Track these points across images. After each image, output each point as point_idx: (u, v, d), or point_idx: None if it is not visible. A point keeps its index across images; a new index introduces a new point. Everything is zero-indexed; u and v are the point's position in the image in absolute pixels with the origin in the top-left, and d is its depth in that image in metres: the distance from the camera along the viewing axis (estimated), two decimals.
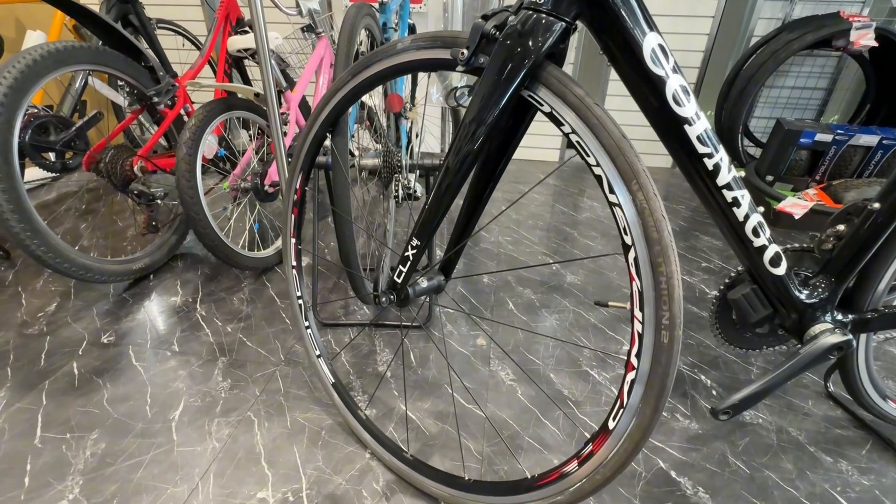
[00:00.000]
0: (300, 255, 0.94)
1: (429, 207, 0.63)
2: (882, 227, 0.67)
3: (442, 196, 0.61)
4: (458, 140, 0.58)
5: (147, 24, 1.66)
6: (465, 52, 0.55)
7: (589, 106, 0.50)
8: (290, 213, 0.90)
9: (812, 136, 1.90)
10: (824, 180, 1.98)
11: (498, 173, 0.68)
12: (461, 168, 0.59)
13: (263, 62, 1.19)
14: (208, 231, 1.25)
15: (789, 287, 0.70)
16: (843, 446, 0.93)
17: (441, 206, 0.62)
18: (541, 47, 0.51)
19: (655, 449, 0.91)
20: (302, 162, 0.85)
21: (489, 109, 0.55)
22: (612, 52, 0.54)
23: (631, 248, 0.50)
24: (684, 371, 1.12)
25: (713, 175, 0.59)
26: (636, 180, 0.48)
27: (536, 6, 0.51)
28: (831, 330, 0.70)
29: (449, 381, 1.07)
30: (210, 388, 1.04)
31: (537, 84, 0.53)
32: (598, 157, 0.50)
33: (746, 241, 0.65)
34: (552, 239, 1.76)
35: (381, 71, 0.68)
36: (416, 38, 0.63)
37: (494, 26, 0.53)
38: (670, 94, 0.54)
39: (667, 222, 0.48)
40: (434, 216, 0.63)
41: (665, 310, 0.48)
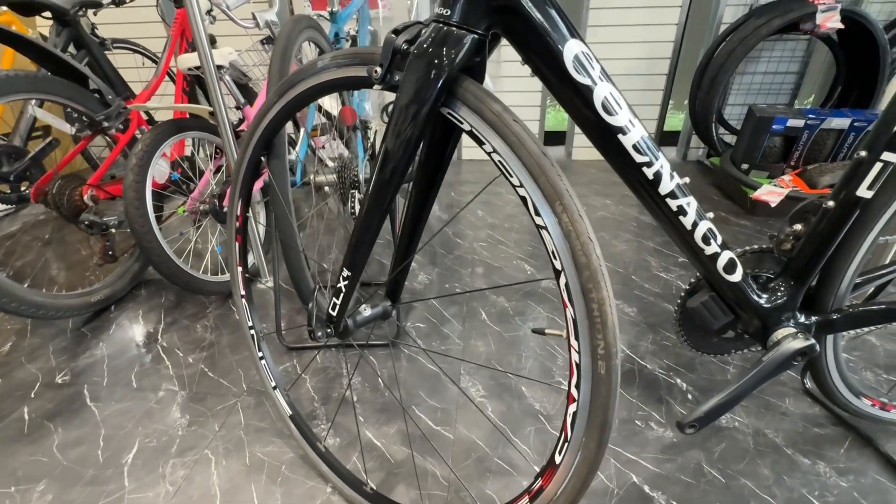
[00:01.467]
0: (249, 283, 0.90)
1: (357, 235, 0.59)
2: (838, 224, 0.64)
3: (369, 222, 0.58)
4: (381, 161, 0.54)
5: (92, 45, 1.61)
6: (378, 69, 0.52)
7: (507, 123, 0.46)
8: (233, 240, 0.86)
9: (784, 122, 1.88)
10: (799, 165, 1.96)
11: (434, 191, 0.65)
12: (386, 191, 0.55)
13: (210, 80, 1.15)
14: (163, 259, 1.21)
15: (747, 293, 0.67)
16: (821, 446, 0.90)
17: (369, 233, 0.59)
18: (453, 62, 0.47)
19: (629, 462, 0.88)
20: (239, 188, 0.80)
21: (408, 129, 0.51)
22: (534, 62, 0.50)
23: (561, 273, 0.46)
24: (659, 375, 1.09)
25: (655, 184, 0.56)
26: (559, 201, 0.44)
27: (445, 19, 0.47)
28: (794, 335, 0.67)
29: (417, 402, 1.04)
30: (167, 425, 1.00)
31: (455, 100, 0.50)
32: (520, 178, 0.46)
33: (697, 249, 0.62)
34: (528, 241, 1.72)
35: (305, 91, 0.64)
36: (335, 56, 0.59)
37: (406, 41, 0.50)
38: (599, 102, 0.50)
39: (594, 245, 0.44)
40: (363, 244, 0.59)
41: (599, 339, 0.45)
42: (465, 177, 2.43)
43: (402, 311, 1.33)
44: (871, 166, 0.60)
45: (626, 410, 1.00)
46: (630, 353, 1.17)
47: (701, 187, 2.19)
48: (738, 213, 1.92)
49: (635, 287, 1.43)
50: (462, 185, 2.30)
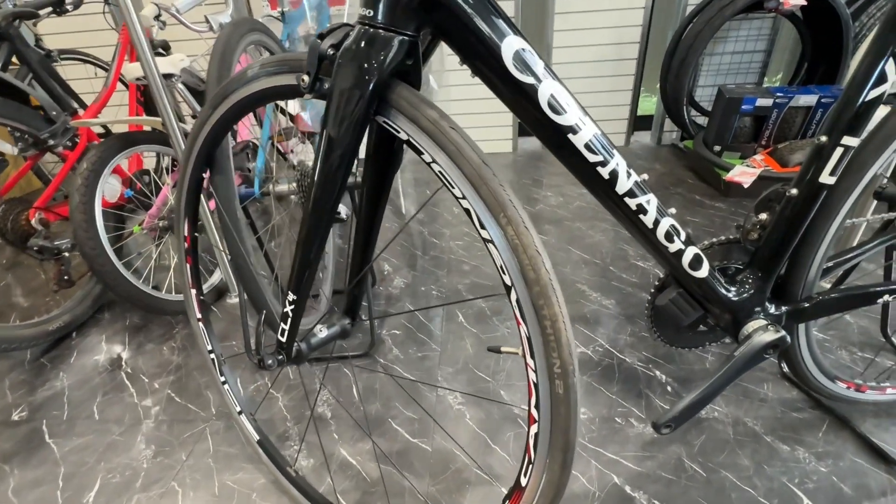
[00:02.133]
0: (205, 306, 0.85)
1: (299, 257, 0.55)
2: (803, 212, 0.63)
3: (310, 242, 0.54)
4: (318, 176, 0.50)
5: (33, 59, 1.52)
6: (305, 78, 0.47)
7: (444, 130, 0.43)
8: (184, 263, 0.81)
9: (753, 102, 1.88)
10: (770, 144, 1.96)
11: (383, 200, 0.61)
12: (324, 208, 0.52)
13: (155, 89, 1.09)
14: (119, 282, 1.15)
15: (715, 287, 0.65)
16: (799, 431, 0.90)
17: (312, 254, 0.55)
18: (382, 67, 0.44)
19: (610, 463, 0.87)
20: (184, 207, 0.76)
21: (341, 140, 0.47)
22: (473, 62, 0.47)
23: (511, 288, 0.43)
24: (638, 368, 1.08)
25: (611, 184, 0.53)
26: (503, 213, 0.41)
27: (370, 21, 0.43)
28: (764, 327, 0.65)
29: (394, 413, 1.01)
30: (131, 458, 0.95)
31: (389, 108, 0.46)
32: (462, 189, 0.43)
33: (661, 247, 0.59)
34: None
35: (238, 102, 0.60)
36: (264, 64, 0.55)
37: (332, 46, 0.46)
38: (544, 101, 0.47)
39: (543, 258, 0.41)
40: (306, 266, 0.55)
41: (555, 357, 0.42)
42: None
43: (378, 321, 1.29)
44: (832, 152, 0.58)
45: (606, 408, 0.98)
46: (609, 346, 1.15)
47: (675, 171, 2.19)
48: (712, 195, 1.92)
49: (613, 278, 1.42)
50: (437, 182, 2.26)
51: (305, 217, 0.52)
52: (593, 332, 1.20)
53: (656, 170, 2.23)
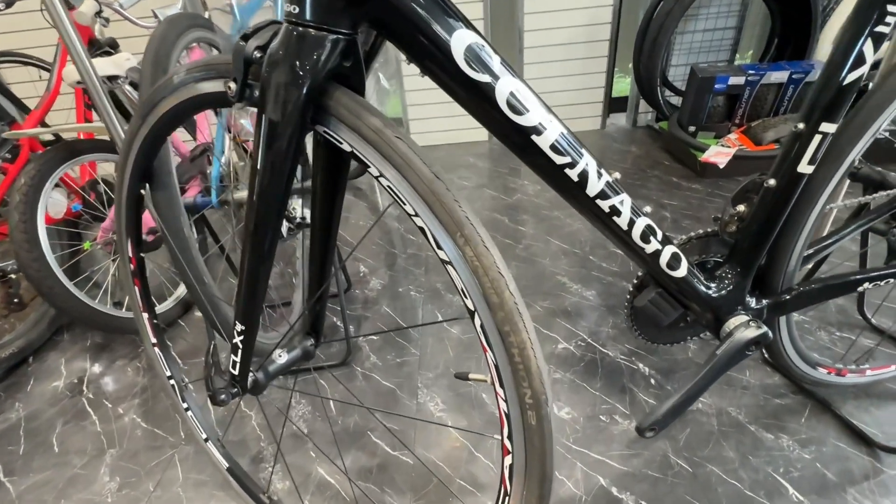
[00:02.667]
0: (160, 330, 0.79)
1: (244, 283, 0.50)
2: (782, 203, 0.60)
3: (255, 266, 0.49)
4: (255, 194, 0.45)
5: None
6: (232, 84, 0.42)
7: (389, 141, 0.38)
8: (131, 286, 0.75)
9: (726, 81, 1.86)
10: (743, 123, 1.96)
11: (337, 211, 0.56)
12: (266, 227, 0.46)
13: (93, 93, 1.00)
14: (72, 304, 1.07)
15: (695, 285, 0.62)
16: (782, 418, 0.89)
17: (258, 279, 0.50)
18: (316, 70, 0.38)
19: (595, 464, 0.85)
20: (125, 226, 0.69)
21: (276, 153, 0.42)
22: (420, 60, 0.42)
23: (475, 313, 0.39)
24: (621, 361, 1.06)
25: (581, 186, 0.49)
26: (460, 232, 0.37)
27: (297, 19, 0.38)
28: (746, 324, 0.63)
29: (373, 425, 0.97)
30: (94, 493, 0.89)
31: (328, 116, 0.41)
32: (414, 206, 0.38)
33: (637, 248, 0.56)
34: None
35: (168, 112, 0.54)
36: (190, 68, 0.49)
37: (258, 48, 0.40)
38: (503, 101, 0.42)
39: (507, 279, 0.37)
40: (253, 292, 0.50)
41: (525, 387, 0.38)
42: None
43: (355, 325, 1.25)
44: (809, 140, 0.55)
45: (591, 406, 0.96)
46: (591, 340, 1.13)
47: (651, 153, 2.17)
48: (689, 176, 1.91)
49: (593, 268, 1.39)
50: None
51: (247, 237, 0.47)
52: (575, 326, 1.18)
53: (632, 152, 2.21)
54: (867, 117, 0.56)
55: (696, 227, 1.54)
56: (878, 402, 0.90)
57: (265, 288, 0.51)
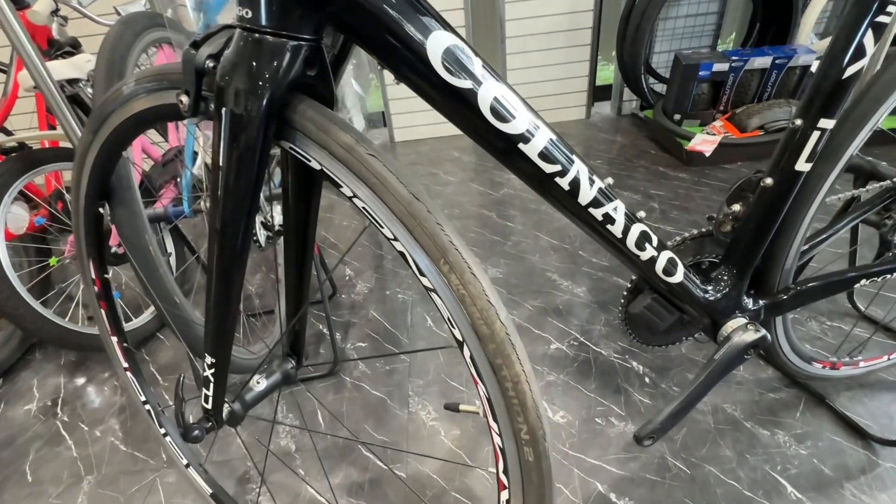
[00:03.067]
0: (131, 355, 0.74)
1: (211, 314, 0.46)
2: (779, 201, 0.58)
3: (224, 294, 0.45)
4: (217, 217, 0.41)
5: None
6: (184, 98, 0.37)
7: (362, 159, 0.34)
8: (98, 309, 0.70)
9: (710, 68, 1.84)
10: (728, 110, 1.95)
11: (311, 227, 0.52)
12: (232, 252, 0.42)
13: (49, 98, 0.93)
14: (39, 325, 1.02)
15: (691, 290, 0.59)
16: (777, 413, 0.88)
17: (228, 308, 0.46)
18: (276, 81, 0.34)
19: (592, 469, 0.83)
20: (85, 248, 0.64)
21: (239, 171, 0.38)
22: (394, 66, 0.38)
23: (463, 344, 0.36)
24: (614, 360, 1.04)
25: (573, 195, 0.46)
26: (444, 258, 0.33)
27: (251, 24, 0.34)
28: (744, 327, 0.61)
29: (364, 437, 0.94)
30: None
31: (293, 132, 0.37)
32: (392, 230, 0.35)
33: (632, 256, 0.53)
34: (470, 228, 1.62)
35: (120, 126, 0.49)
36: (140, 78, 0.44)
37: (210, 56, 0.36)
38: (486, 108, 0.39)
39: (497, 308, 0.34)
40: (222, 323, 0.46)
41: (521, 422, 0.35)
42: (401, 161, 2.27)
43: (341, 335, 1.21)
44: (807, 136, 0.53)
45: (586, 408, 0.94)
46: (584, 339, 1.11)
47: (637, 142, 2.15)
48: (675, 165, 1.90)
49: (583, 263, 1.37)
50: None
51: (212, 263, 0.43)
52: (566, 325, 1.16)
53: (618, 142, 2.19)
54: (866, 110, 0.54)
55: (684, 217, 1.53)
56: (871, 393, 0.89)
57: (236, 316, 0.47)
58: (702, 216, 1.52)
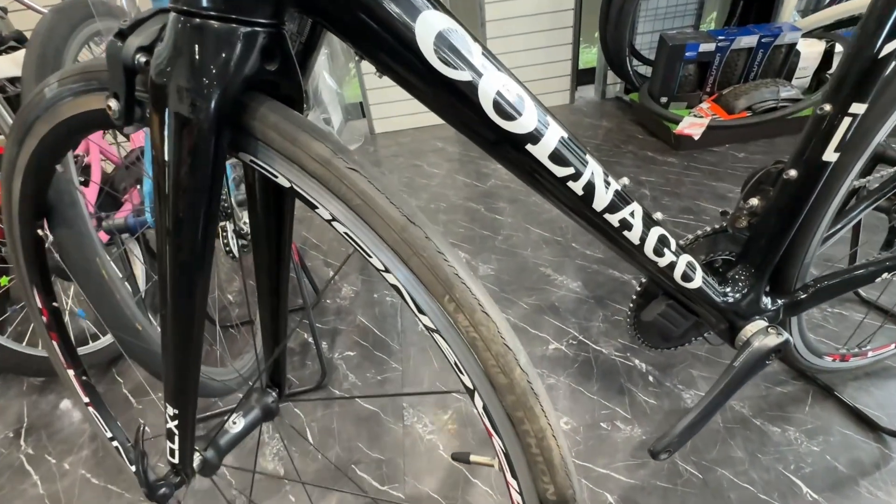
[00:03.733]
0: (90, 388, 0.67)
1: (168, 357, 0.39)
2: (803, 195, 0.53)
3: (183, 336, 0.37)
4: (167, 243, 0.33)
5: None
6: (113, 102, 0.30)
7: (340, 174, 0.27)
8: (49, 340, 0.62)
9: (696, 49, 1.80)
10: (715, 91, 1.91)
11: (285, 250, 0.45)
12: (190, 285, 0.35)
13: None
14: None
15: (709, 295, 0.55)
16: (786, 408, 0.86)
17: (188, 347, 0.38)
18: (226, 79, 0.27)
19: (601, 479, 0.79)
20: (26, 274, 0.56)
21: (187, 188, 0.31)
22: (375, 56, 0.31)
23: (474, 392, 0.30)
24: (615, 359, 1.00)
25: (587, 200, 0.40)
26: (448, 294, 0.27)
27: (190, 6, 0.26)
28: (764, 330, 0.56)
29: (357, 457, 0.88)
30: None
31: (253, 142, 0.30)
32: (382, 259, 0.28)
33: (650, 264, 0.48)
34: (458, 223, 1.56)
35: (47, 135, 0.41)
36: (64, 77, 0.36)
37: (141, 49, 0.28)
38: (488, 104, 0.32)
39: (516, 352, 0.28)
40: (184, 367, 0.39)
41: (546, 482, 0.30)
42: (381, 153, 2.18)
43: (327, 344, 1.14)
44: (837, 123, 0.48)
45: (590, 412, 0.90)
46: (583, 337, 1.07)
47: (623, 126, 2.11)
48: (664, 150, 1.86)
49: (577, 256, 1.33)
50: (380, 165, 2.06)
51: (164, 299, 0.36)
52: (564, 323, 1.11)
53: (604, 126, 2.14)
54: None
55: (676, 203, 1.49)
56: (878, 382, 0.87)
57: (198, 362, 0.40)
58: (693, 202, 1.49)
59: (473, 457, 0.37)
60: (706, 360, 0.97)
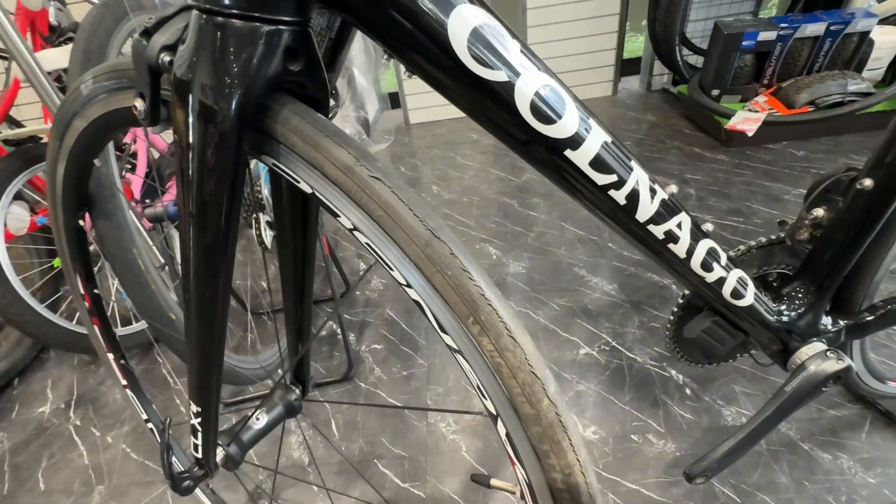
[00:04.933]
0: (129, 371, 0.69)
1: (194, 358, 0.39)
2: (880, 207, 0.47)
3: (206, 336, 0.37)
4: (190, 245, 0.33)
5: None
6: (139, 102, 0.29)
7: (363, 183, 0.26)
8: (91, 326, 0.65)
9: (755, 37, 1.67)
10: (773, 83, 1.77)
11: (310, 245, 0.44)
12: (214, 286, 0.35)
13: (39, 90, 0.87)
14: (45, 329, 0.98)
15: (761, 314, 0.50)
16: (840, 433, 0.79)
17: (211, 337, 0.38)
18: (247, 79, 0.26)
19: (629, 495, 0.75)
20: (69, 261, 0.58)
21: (208, 192, 0.30)
22: (405, 55, 0.29)
23: (497, 418, 0.28)
24: (651, 368, 0.95)
25: (630, 210, 0.37)
26: (473, 316, 0.25)
27: (212, 3, 0.25)
28: (822, 355, 0.51)
29: (380, 452, 0.88)
30: None
31: (275, 145, 0.28)
32: (404, 274, 0.27)
33: (695, 278, 0.44)
34: (490, 217, 1.53)
35: (84, 132, 0.41)
36: (98, 74, 0.36)
37: (165, 48, 0.27)
38: (524, 105, 0.30)
39: (545, 382, 0.26)
40: (207, 364, 0.39)
41: None
42: (415, 144, 2.17)
43: (355, 336, 1.15)
44: None
45: (620, 423, 0.86)
46: (616, 344, 1.02)
47: (670, 120, 2.00)
48: (713, 146, 1.75)
49: (613, 257, 1.27)
50: (413, 157, 2.05)
51: (188, 302, 0.36)
52: (597, 327, 1.07)
53: (648, 120, 2.04)
54: None
55: (724, 204, 1.40)
56: None
57: (220, 360, 0.40)
58: (744, 203, 1.39)
59: (494, 481, 0.35)
60: (751, 375, 0.90)
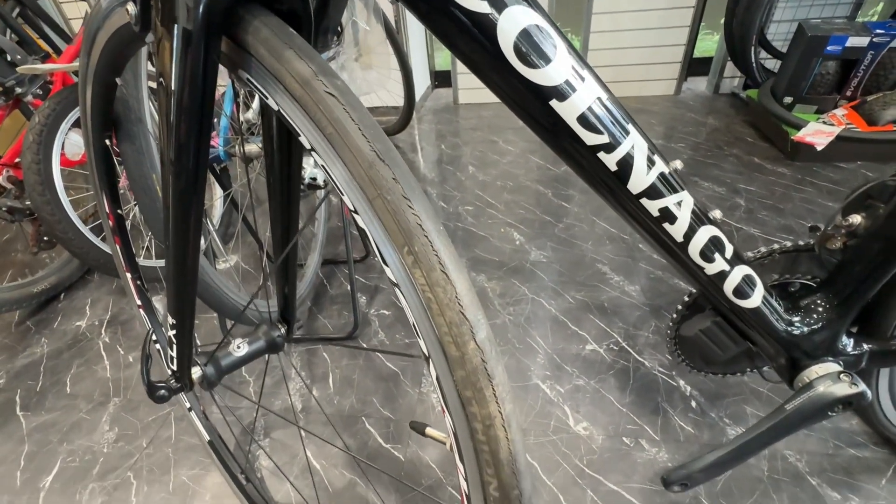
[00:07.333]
0: (143, 292, 0.74)
1: (170, 271, 0.40)
2: None
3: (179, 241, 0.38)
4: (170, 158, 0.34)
5: None
6: (130, 6, 0.30)
7: (318, 98, 0.25)
8: (113, 244, 0.69)
9: (842, 42, 1.51)
10: (857, 96, 1.60)
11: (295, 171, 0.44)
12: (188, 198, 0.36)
13: None
14: (87, 250, 1.06)
15: (768, 320, 0.46)
16: (856, 474, 0.72)
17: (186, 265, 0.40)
18: None
19: (609, 496, 0.73)
20: (97, 180, 0.62)
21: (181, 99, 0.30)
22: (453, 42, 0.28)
23: (429, 360, 0.27)
24: (658, 375, 0.91)
25: (622, 178, 0.35)
26: (408, 246, 0.24)
27: None
28: (834, 376, 0.46)
29: (369, 411, 0.90)
30: (93, 441, 0.90)
31: (247, 58, 0.28)
32: (351, 199, 0.26)
33: (693, 268, 0.41)
34: (521, 204, 1.50)
35: (106, 45, 0.43)
36: None
37: None
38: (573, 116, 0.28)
39: (474, 324, 0.25)
40: (182, 281, 0.41)
41: (489, 475, 0.26)
42: (460, 124, 2.15)
43: (366, 299, 1.17)
44: None
45: (614, 423, 0.83)
46: (626, 345, 0.98)
47: (733, 127, 1.86)
48: (775, 158, 1.62)
49: (641, 258, 1.21)
50: (457, 136, 2.03)
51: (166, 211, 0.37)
52: (609, 326, 1.03)
53: (709, 124, 1.91)
54: None
55: (775, 219, 1.30)
56: None
57: (195, 275, 0.41)
58: (798, 221, 1.28)
59: (430, 430, 0.35)
60: (767, 398, 0.84)
